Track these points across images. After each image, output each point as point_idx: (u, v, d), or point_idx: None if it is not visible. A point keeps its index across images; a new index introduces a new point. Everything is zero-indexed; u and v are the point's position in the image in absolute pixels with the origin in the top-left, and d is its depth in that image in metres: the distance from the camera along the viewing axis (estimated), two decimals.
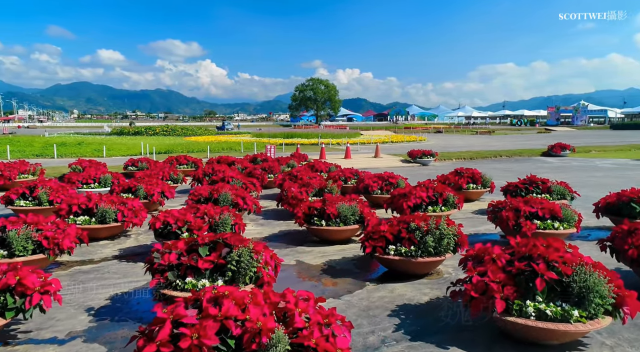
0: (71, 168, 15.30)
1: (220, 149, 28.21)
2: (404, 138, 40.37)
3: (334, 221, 7.24)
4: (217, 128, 70.36)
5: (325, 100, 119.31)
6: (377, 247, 5.68)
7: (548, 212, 6.88)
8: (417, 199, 8.11)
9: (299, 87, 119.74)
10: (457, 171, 11.34)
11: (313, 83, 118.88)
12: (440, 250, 5.56)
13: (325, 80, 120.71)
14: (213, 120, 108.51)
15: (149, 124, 64.18)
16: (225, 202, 8.31)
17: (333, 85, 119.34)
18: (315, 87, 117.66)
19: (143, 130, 48.18)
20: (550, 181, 9.41)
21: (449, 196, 8.32)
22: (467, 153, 25.70)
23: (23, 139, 36.20)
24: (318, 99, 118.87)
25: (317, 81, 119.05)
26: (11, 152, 25.23)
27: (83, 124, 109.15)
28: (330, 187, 9.64)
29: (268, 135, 42.89)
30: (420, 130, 68.99)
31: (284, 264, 6.22)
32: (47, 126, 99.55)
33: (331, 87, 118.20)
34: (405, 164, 20.82)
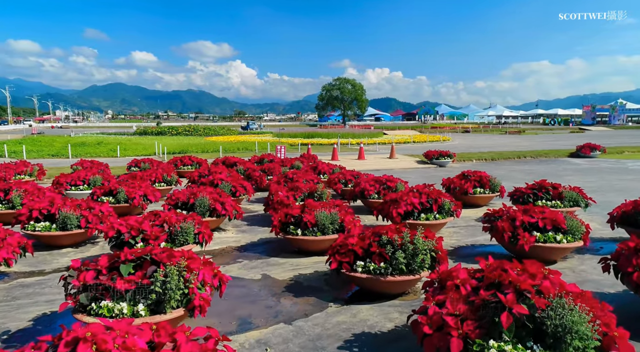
0: (73, 169, 15.16)
1: (235, 149, 27.90)
2: (426, 138, 39.25)
3: (311, 229, 6.60)
4: (241, 128, 70.79)
5: (352, 99, 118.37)
6: (344, 263, 5.01)
7: (550, 222, 6.05)
8: (408, 206, 7.38)
9: (326, 87, 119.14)
10: (464, 174, 10.51)
11: (340, 82, 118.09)
12: (414, 268, 4.85)
13: (352, 79, 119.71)
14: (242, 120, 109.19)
15: (173, 124, 64.80)
16: (202, 207, 7.78)
17: (360, 85, 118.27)
18: (342, 86, 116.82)
19: (166, 130, 48.52)
20: (563, 186, 8.50)
21: (444, 202, 7.55)
22: (488, 154, 24.58)
23: (45, 139, 36.84)
24: (345, 98, 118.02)
25: (344, 81, 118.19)
26: (28, 152, 25.55)
27: (113, 124, 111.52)
28: (321, 191, 8.99)
29: (288, 135, 42.44)
30: (447, 130, 67.42)
31: (247, 279, 5.63)
32: (80, 126, 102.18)
33: (358, 87, 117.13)
34: (420, 166, 19.94)
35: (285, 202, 8.33)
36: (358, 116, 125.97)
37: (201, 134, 46.56)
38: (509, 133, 59.90)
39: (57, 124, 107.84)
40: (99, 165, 15.11)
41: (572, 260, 6.33)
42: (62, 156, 24.68)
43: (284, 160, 15.61)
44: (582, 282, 5.41)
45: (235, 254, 6.84)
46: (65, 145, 31.01)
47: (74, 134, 48.88)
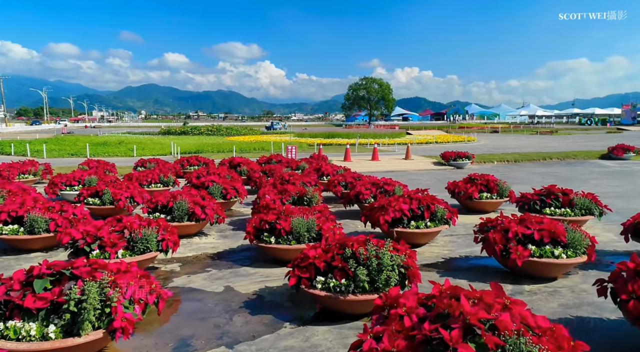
0: (79, 168, 15.11)
1: (251, 149, 27.66)
2: (449, 138, 38.16)
3: (285, 237, 6.11)
4: (265, 128, 71.02)
5: (379, 99, 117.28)
6: (303, 279, 4.50)
7: (547, 234, 5.38)
8: (396, 212, 6.79)
9: (353, 87, 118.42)
10: (470, 177, 9.81)
11: (366, 82, 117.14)
12: (378, 286, 4.30)
13: (379, 79, 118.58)
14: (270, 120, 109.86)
15: (198, 124, 65.39)
16: (180, 211, 7.38)
17: (387, 84, 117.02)
18: (369, 86, 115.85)
19: (189, 130, 48.85)
20: (575, 192, 7.74)
21: (437, 208, 6.92)
22: (511, 155, 23.53)
23: (71, 138, 37.52)
24: (371, 98, 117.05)
25: (371, 80, 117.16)
26: (49, 151, 25.93)
27: (144, 124, 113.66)
28: (311, 195, 8.47)
29: (309, 135, 42.02)
30: (474, 130, 65.74)
31: (207, 292, 5.18)
32: (112, 126, 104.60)
33: (385, 86, 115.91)
34: (436, 167, 19.17)
35: (271, 206, 7.85)
36: (385, 116, 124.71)
37: (223, 134, 46.67)
38: (540, 133, 57.94)
39: (91, 124, 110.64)
40: (105, 164, 15.00)
41: (575, 277, 5.63)
42: (80, 155, 24.89)
43: (290, 161, 15.16)
44: (579, 305, 4.74)
45: (207, 262, 6.40)
46: (89, 144, 31.46)
47: (101, 134, 49.82)
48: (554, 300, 4.88)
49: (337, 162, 19.91)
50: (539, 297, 4.95)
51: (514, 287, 5.27)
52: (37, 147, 27.63)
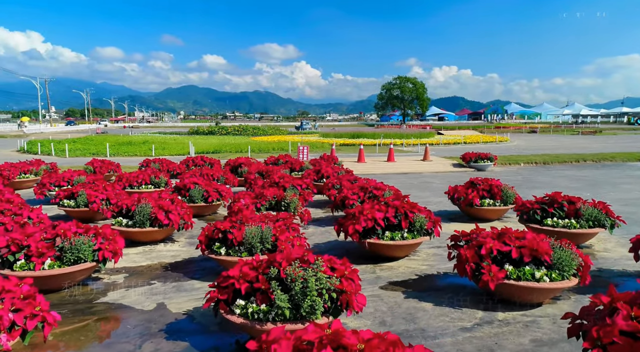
0: (85, 168, 15.03)
1: (270, 149, 27.25)
2: (479, 139, 36.65)
3: (236, 248, 5.50)
4: (295, 128, 71.12)
5: (413, 98, 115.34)
6: (222, 302, 3.87)
7: (528, 253, 4.55)
8: (368, 222, 6.07)
9: (386, 86, 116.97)
10: (471, 182, 8.93)
11: (400, 81, 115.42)
12: (301, 314, 3.62)
13: (414, 78, 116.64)
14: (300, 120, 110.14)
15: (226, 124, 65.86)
16: (141, 216, 6.89)
17: (421, 83, 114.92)
18: (403, 85, 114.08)
19: (216, 130, 49.06)
20: (583, 200, 6.77)
21: (417, 218, 6.15)
22: (541, 157, 22.16)
23: (99, 138, 38.22)
24: (405, 97, 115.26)
25: (405, 79, 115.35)
26: (72, 150, 26.32)
27: (179, 124, 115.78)
28: (289, 199, 7.83)
29: (334, 135, 41.32)
30: (511, 130, 63.46)
31: (135, 310, 4.64)
32: (148, 126, 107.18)
33: (419, 85, 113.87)
34: (455, 169, 18.14)
35: (243, 212, 7.27)
36: (420, 116, 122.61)
37: (249, 133, 46.61)
38: (582, 133, 55.26)
39: (129, 124, 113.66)
40: (109, 164, 14.85)
41: (563, 303, 4.76)
42: (101, 155, 25.10)
43: (294, 162, 14.57)
44: (555, 342, 3.91)
45: (157, 273, 5.86)
46: (113, 144, 31.87)
47: (132, 133, 50.74)
48: (527, 333, 4.06)
49: (350, 163, 19.19)
50: (510, 329, 4.14)
51: (485, 314, 4.46)
52: (63, 146, 28.11)
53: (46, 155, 25.55)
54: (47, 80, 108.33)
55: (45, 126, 77.31)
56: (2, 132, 56.35)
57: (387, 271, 5.85)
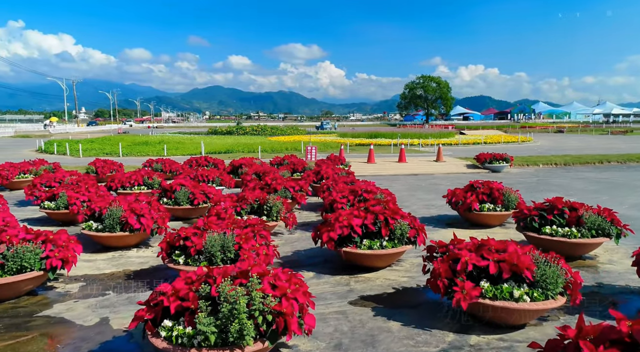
0: (86, 168, 14.97)
1: (283, 150, 26.90)
2: (500, 139, 35.54)
3: (195, 258, 5.09)
4: (316, 127, 71.30)
5: (437, 98, 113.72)
6: (149, 322, 3.46)
7: (507, 268, 4.01)
8: (344, 229, 5.59)
9: (409, 85, 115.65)
10: (471, 185, 8.33)
11: (424, 81, 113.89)
12: (229, 340, 3.18)
13: (437, 77, 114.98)
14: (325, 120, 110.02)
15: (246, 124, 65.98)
16: (111, 220, 6.56)
17: (445, 83, 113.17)
18: (426, 84, 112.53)
19: (234, 130, 49.10)
20: (587, 207, 6.13)
21: (397, 225, 5.63)
22: (562, 157, 21.19)
23: (117, 138, 38.57)
24: (429, 97, 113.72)
25: (428, 78, 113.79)
26: (85, 150, 26.51)
27: (203, 124, 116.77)
28: (272, 203, 7.39)
29: (352, 135, 40.75)
30: (537, 130, 61.76)
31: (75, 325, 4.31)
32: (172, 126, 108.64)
33: (443, 85, 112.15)
34: (469, 170, 17.41)
35: (222, 216, 6.88)
36: (444, 115, 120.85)
37: (267, 133, 46.45)
38: (611, 133, 53.26)
39: (153, 124, 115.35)
40: (111, 164, 14.72)
41: (548, 326, 4.17)
42: (114, 154, 25.20)
43: (297, 163, 14.15)
44: None
45: (116, 282, 5.50)
46: (129, 144, 32.07)
47: (152, 134, 51.24)
48: None
49: (360, 164, 18.67)
50: None
51: (455, 337, 3.94)
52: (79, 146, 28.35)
53: (61, 155, 25.79)
54: (74, 81, 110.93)
55: (72, 126, 78.94)
56: (28, 132, 57.72)
57: (363, 283, 5.36)
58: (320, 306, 4.63)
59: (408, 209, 10.06)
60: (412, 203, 10.71)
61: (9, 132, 54.01)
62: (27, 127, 73.59)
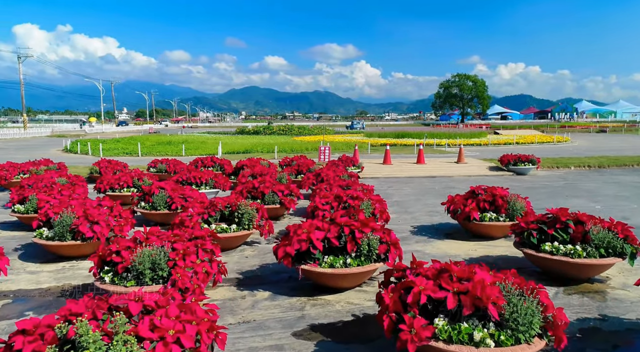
0: (90, 168, 14.78)
1: (303, 150, 26.26)
2: (535, 138, 33.76)
3: (123, 276, 4.47)
4: (346, 127, 71.06)
5: (473, 97, 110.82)
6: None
7: (469, 302, 3.18)
8: (302, 243, 4.84)
9: (444, 84, 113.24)
10: (472, 191, 7.41)
11: (459, 79, 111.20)
12: None
13: (474, 75, 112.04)
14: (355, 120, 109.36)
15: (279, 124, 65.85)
16: (62, 227, 6.04)
17: (482, 81, 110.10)
18: (462, 83, 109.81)
19: (261, 130, 48.89)
20: (596, 219, 5.16)
21: (365, 240, 4.85)
22: (596, 159, 19.66)
23: (142, 138, 38.94)
24: (464, 96, 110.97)
25: (464, 77, 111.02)
26: (106, 149, 26.64)
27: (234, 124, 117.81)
28: (243, 209, 6.71)
29: (378, 135, 39.72)
30: (577, 130, 58.84)
31: None
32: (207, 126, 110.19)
33: (479, 83, 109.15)
34: (492, 173, 16.28)
35: (186, 224, 6.28)
36: (481, 115, 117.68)
37: (294, 133, 46.00)
38: None
39: (188, 124, 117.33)
40: (116, 165, 14.44)
41: None
42: (134, 154, 25.19)
43: (301, 164, 13.46)
44: None
45: (45, 300, 4.92)
46: (153, 143, 32.22)
47: (182, 133, 51.72)
48: None
49: (376, 165, 17.81)
50: None
51: None
52: (105, 146, 28.59)
53: (84, 155, 26.02)
54: (112, 82, 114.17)
55: (108, 126, 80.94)
56: (64, 132, 59.35)
57: (320, 307, 4.61)
58: (254, 338, 3.92)
59: (410, 215, 9.22)
60: (417, 209, 9.83)
61: (45, 132, 55.67)
62: (66, 127, 75.88)
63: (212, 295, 4.94)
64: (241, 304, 4.69)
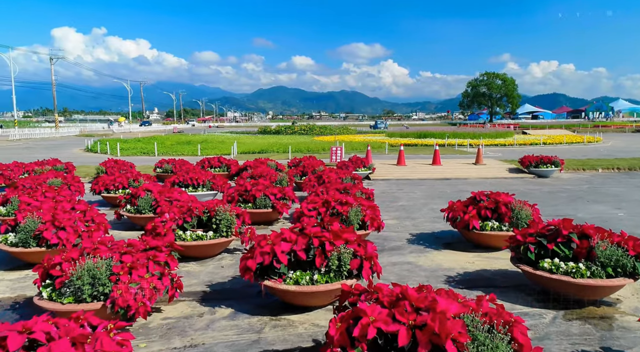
0: (96, 169, 14.64)
1: (320, 150, 25.79)
2: (563, 138, 32.36)
3: (61, 291, 4.06)
4: (370, 127, 70.84)
5: (502, 96, 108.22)
6: None
7: (426, 339, 2.62)
8: (265, 256, 4.35)
9: (472, 83, 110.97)
10: (474, 197, 6.77)
11: (488, 78, 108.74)
12: None
13: (503, 74, 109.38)
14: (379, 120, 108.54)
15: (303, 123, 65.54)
16: (24, 233, 5.71)
17: (511, 80, 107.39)
18: (490, 82, 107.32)
19: (282, 130, 48.66)
20: (603, 233, 4.48)
21: (336, 254, 4.32)
22: (627, 161, 18.54)
23: (163, 137, 39.17)
24: (493, 95, 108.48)
25: (493, 75, 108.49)
26: (124, 149, 26.76)
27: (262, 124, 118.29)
28: (222, 214, 6.27)
29: (400, 135, 38.85)
30: (612, 129, 56.53)
31: None
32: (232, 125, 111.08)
33: (509, 82, 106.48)
34: (511, 175, 15.44)
35: (157, 230, 5.87)
36: (511, 114, 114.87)
37: (316, 133, 45.57)
38: None
39: (214, 124, 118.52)
40: (122, 164, 14.26)
41: None
42: (151, 154, 25.19)
43: (307, 165, 12.98)
44: None
45: None
46: (173, 143, 32.29)
47: (204, 133, 51.98)
48: None
49: (389, 166, 17.18)
50: None
51: None
52: (123, 146, 28.74)
53: (103, 154, 26.18)
54: (141, 83, 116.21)
55: (136, 126, 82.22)
56: (92, 132, 60.51)
57: (281, 329, 4.11)
58: None
59: (412, 221, 8.63)
60: (421, 215, 9.22)
61: (73, 131, 56.83)
62: (94, 127, 77.45)
63: (170, 311, 4.50)
64: (195, 324, 4.23)
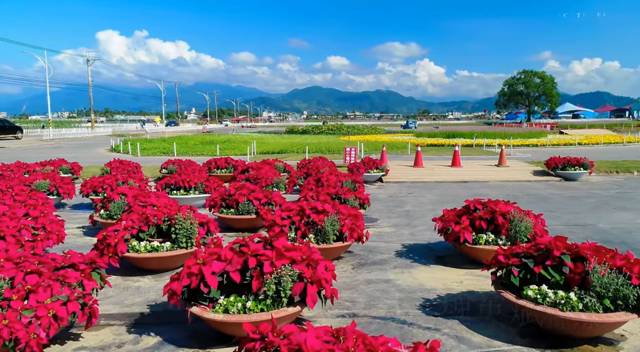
0: (101, 169, 14.46)
1: (340, 150, 25.11)
2: (600, 139, 30.51)
3: None
4: (401, 126, 70.33)
5: (540, 94, 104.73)
6: None
7: None
8: (193, 278, 3.75)
9: (508, 81, 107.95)
10: (468, 207, 5.98)
11: (525, 76, 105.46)
12: None
13: (542, 72, 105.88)
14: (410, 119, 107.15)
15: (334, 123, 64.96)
16: None
17: (550, 78, 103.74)
18: (528, 80, 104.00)
19: (309, 129, 48.24)
20: (607, 254, 3.66)
21: (274, 274, 3.68)
22: None
23: (187, 137, 39.35)
24: (530, 93, 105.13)
25: (531, 74, 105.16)
26: (144, 149, 26.83)
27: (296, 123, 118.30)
28: (182, 221, 5.71)
29: (428, 134, 37.64)
30: None
31: None
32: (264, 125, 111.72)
33: (548, 80, 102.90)
34: (536, 178, 14.36)
35: (107, 241, 5.37)
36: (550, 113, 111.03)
37: (345, 132, 44.91)
38: None
39: (247, 123, 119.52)
40: (127, 165, 14.04)
41: None
42: (169, 153, 25.09)
43: (311, 166, 12.37)
44: None
45: None
46: (197, 143, 32.29)
47: (233, 132, 52.13)
48: None
49: (405, 167, 16.36)
50: None
51: None
52: (143, 145, 28.87)
53: (126, 154, 26.32)
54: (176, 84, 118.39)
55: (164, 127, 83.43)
56: (125, 131, 61.70)
57: None
58: None
59: (411, 229, 7.90)
60: (423, 222, 8.45)
61: (106, 131, 58.08)
62: (128, 127, 79.02)
63: (89, 339, 3.96)
64: None
